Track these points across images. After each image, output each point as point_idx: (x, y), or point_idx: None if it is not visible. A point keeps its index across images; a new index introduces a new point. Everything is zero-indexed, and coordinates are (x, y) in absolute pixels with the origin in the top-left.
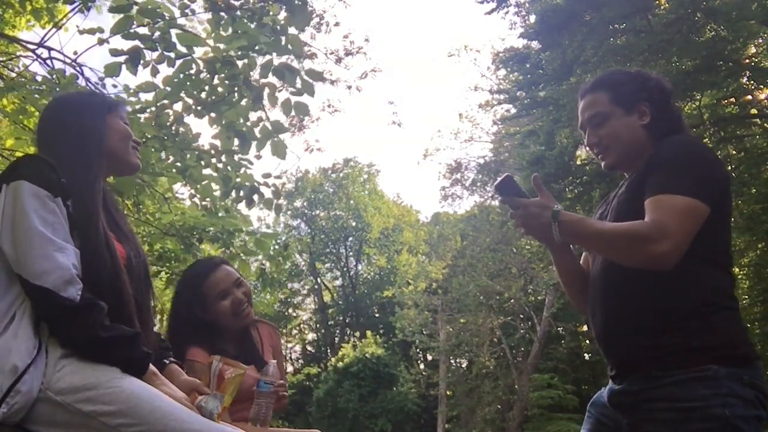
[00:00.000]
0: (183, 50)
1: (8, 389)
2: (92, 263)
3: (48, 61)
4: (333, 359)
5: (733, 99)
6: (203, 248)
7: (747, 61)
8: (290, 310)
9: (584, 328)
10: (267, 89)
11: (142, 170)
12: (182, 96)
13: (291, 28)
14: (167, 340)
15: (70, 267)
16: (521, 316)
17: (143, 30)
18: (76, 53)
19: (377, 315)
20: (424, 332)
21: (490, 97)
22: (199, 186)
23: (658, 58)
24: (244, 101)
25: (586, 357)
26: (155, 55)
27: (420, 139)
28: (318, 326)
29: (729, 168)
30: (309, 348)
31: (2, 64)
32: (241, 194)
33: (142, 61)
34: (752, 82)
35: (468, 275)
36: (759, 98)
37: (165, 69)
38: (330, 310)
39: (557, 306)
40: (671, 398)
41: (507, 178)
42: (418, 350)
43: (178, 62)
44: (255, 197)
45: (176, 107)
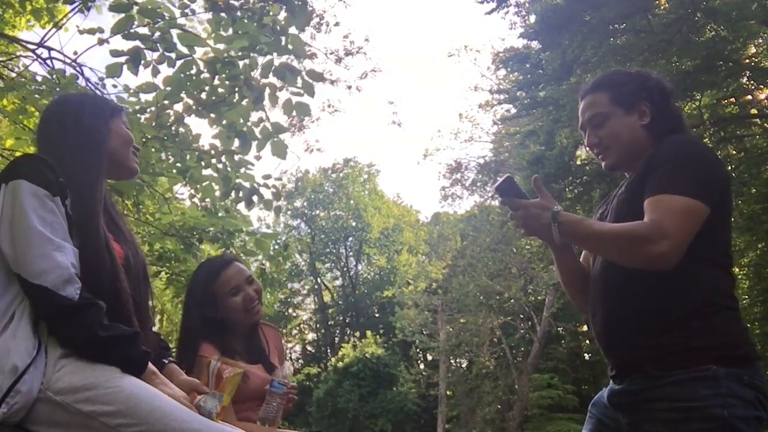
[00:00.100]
0: (184, 50)
1: (8, 389)
2: (91, 263)
3: (48, 61)
4: (333, 359)
5: (733, 99)
6: (203, 248)
7: (747, 61)
8: (290, 310)
9: (584, 328)
10: (268, 89)
11: (142, 170)
12: (183, 96)
13: (291, 28)
14: (180, 337)
15: (69, 266)
16: (521, 316)
17: (143, 30)
18: (76, 53)
19: (377, 315)
20: (424, 332)
21: (490, 97)
22: (200, 186)
23: (658, 58)
24: (245, 101)
25: (586, 357)
26: (156, 56)
27: (420, 139)
28: (318, 326)
29: (729, 168)
30: (309, 348)
31: (2, 64)
32: (241, 195)
33: (143, 62)
34: (752, 82)
35: (468, 275)
36: (759, 98)
37: (165, 69)
38: (330, 310)
39: (557, 306)
40: (671, 398)
41: (507, 179)
42: (418, 350)
43: (179, 63)
44: (254, 198)
45: (177, 108)
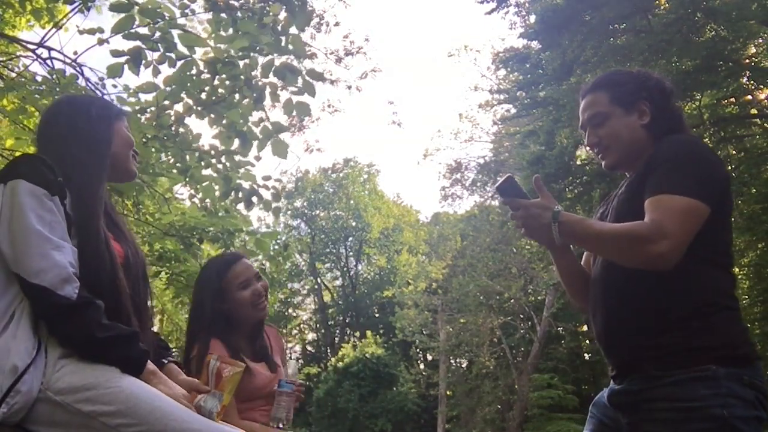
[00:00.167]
0: (184, 51)
1: (8, 389)
2: (91, 263)
3: (48, 61)
4: (333, 359)
5: (733, 99)
6: (203, 248)
7: (747, 61)
8: (290, 310)
9: (584, 328)
10: (268, 89)
11: (142, 170)
12: (183, 96)
13: (291, 28)
14: (187, 332)
15: (67, 265)
16: (521, 316)
17: (144, 30)
18: (76, 53)
19: (377, 315)
20: (424, 332)
21: (490, 97)
22: (200, 186)
23: (658, 58)
24: (245, 101)
25: (586, 357)
26: (156, 56)
27: (420, 139)
28: (318, 326)
29: (729, 168)
30: (309, 348)
31: (2, 64)
32: (240, 195)
33: (144, 62)
34: (752, 82)
35: (468, 275)
36: (759, 98)
37: (166, 69)
38: (330, 310)
39: (557, 306)
40: (671, 398)
41: (508, 179)
42: (418, 350)
43: (179, 63)
44: (254, 199)
45: (177, 108)
